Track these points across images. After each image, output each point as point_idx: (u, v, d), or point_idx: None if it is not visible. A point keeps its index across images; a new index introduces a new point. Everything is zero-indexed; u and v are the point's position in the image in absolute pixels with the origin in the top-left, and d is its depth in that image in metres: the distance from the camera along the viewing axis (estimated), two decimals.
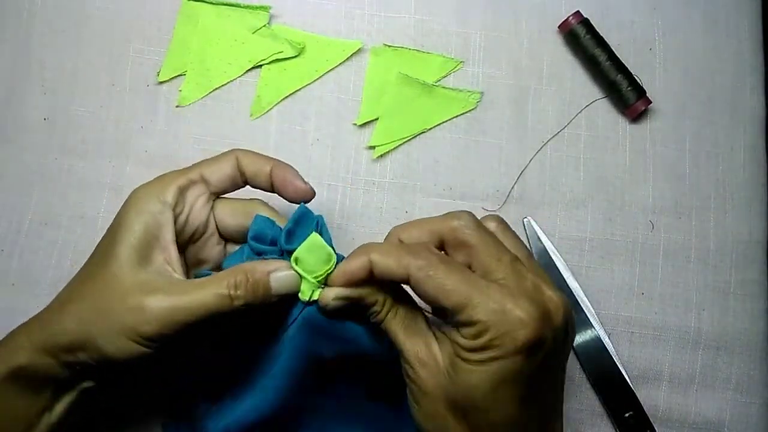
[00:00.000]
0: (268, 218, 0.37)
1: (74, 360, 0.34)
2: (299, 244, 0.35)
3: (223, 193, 0.40)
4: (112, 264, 0.34)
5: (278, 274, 0.35)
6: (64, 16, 0.54)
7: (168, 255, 0.35)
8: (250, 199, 0.40)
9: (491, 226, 0.37)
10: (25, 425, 0.35)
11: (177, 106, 0.53)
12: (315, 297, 0.35)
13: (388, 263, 0.33)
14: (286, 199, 0.40)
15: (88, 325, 0.33)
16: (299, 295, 0.35)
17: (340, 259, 0.36)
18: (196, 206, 0.38)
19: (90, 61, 0.53)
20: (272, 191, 0.40)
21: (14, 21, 0.54)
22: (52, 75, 0.53)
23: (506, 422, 0.32)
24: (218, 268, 0.40)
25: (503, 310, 0.31)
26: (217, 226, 0.40)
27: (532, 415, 0.33)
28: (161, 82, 0.53)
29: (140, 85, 0.53)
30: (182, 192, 0.37)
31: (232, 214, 0.39)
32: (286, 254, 0.36)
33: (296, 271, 0.35)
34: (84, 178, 0.52)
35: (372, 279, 0.35)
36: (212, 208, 0.40)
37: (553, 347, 0.32)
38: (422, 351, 0.34)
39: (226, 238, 0.41)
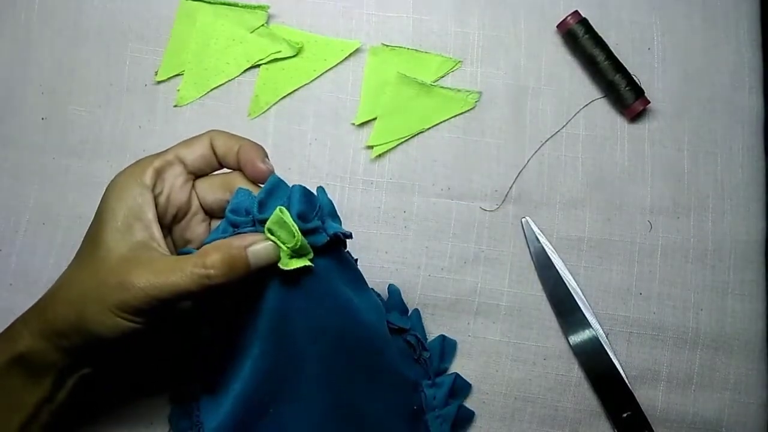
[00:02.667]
0: (248, 191, 0.37)
1: (69, 345, 0.35)
2: (270, 214, 0.35)
3: (201, 174, 0.40)
4: (98, 249, 0.35)
5: (255, 248, 0.34)
6: (62, 16, 0.54)
7: (150, 232, 0.36)
8: (229, 172, 0.40)
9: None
10: (27, 412, 0.36)
11: (175, 106, 0.53)
12: (293, 266, 0.35)
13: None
14: (247, 177, 0.39)
15: (78, 309, 0.34)
16: (279, 264, 0.35)
17: (333, 228, 0.37)
18: (176, 186, 0.39)
19: (88, 61, 0.53)
20: (237, 169, 0.40)
21: (12, 21, 0.54)
22: (50, 75, 0.53)
23: None
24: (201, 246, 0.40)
25: None
26: (201, 203, 0.40)
27: None
28: (159, 82, 0.53)
29: (138, 84, 0.53)
30: (159, 173, 0.38)
31: (211, 189, 0.40)
32: (258, 224, 0.36)
33: (272, 241, 0.35)
34: (82, 178, 0.52)
35: None
36: (193, 186, 0.40)
37: None
38: None
39: (210, 214, 0.41)
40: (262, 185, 0.38)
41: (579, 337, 0.50)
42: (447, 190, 0.52)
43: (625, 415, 0.49)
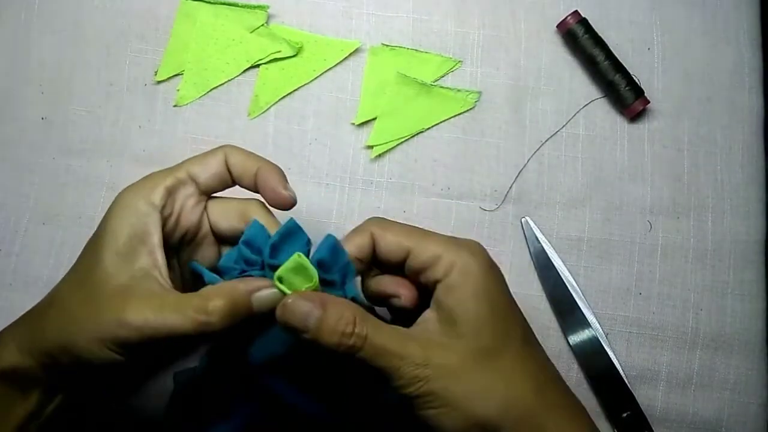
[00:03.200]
0: (263, 226, 0.36)
1: (54, 363, 0.34)
2: (283, 260, 0.34)
3: (213, 192, 0.38)
4: (96, 271, 0.33)
5: (260, 294, 0.33)
6: (62, 16, 0.54)
7: (154, 259, 0.34)
8: (246, 199, 0.38)
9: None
10: (14, 426, 0.35)
11: (175, 106, 0.53)
12: None
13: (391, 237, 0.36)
14: (264, 197, 0.38)
15: (68, 334, 0.33)
16: None
17: (351, 292, 0.36)
18: (187, 207, 0.37)
19: (88, 60, 0.53)
20: (255, 191, 0.38)
21: (12, 21, 0.54)
22: (50, 74, 0.53)
23: (523, 341, 0.36)
24: (213, 268, 0.39)
25: (449, 241, 0.36)
26: (212, 228, 0.38)
27: (529, 334, 0.38)
28: (159, 82, 0.53)
29: (138, 84, 0.53)
30: (171, 193, 0.36)
31: (224, 215, 0.38)
32: (268, 267, 0.35)
33: (280, 290, 0.33)
34: (82, 178, 0.52)
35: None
36: (205, 207, 0.38)
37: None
38: (418, 345, 0.34)
39: (221, 240, 0.39)
40: (281, 218, 0.36)
41: (579, 337, 0.50)
42: (447, 189, 0.52)
43: (624, 414, 0.49)
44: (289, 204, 0.37)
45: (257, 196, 0.38)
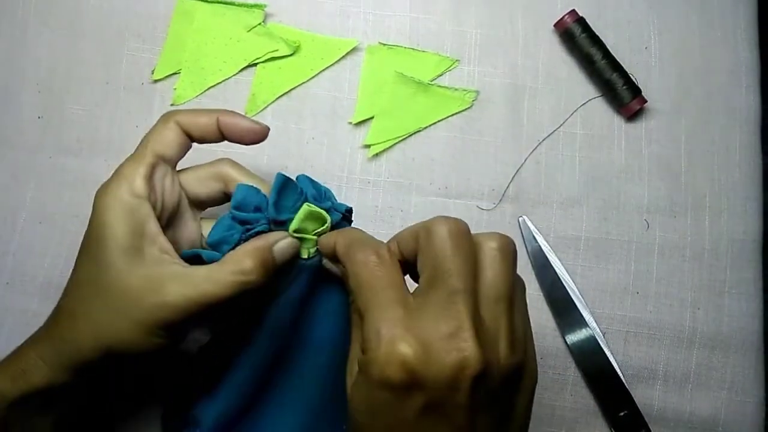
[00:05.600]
0: (250, 186, 0.37)
1: (90, 374, 0.35)
2: (288, 213, 0.37)
3: (178, 161, 0.39)
4: (109, 274, 0.34)
5: (279, 246, 0.36)
6: (59, 14, 0.54)
7: (161, 246, 0.35)
8: (213, 161, 0.39)
9: (490, 245, 0.32)
10: None
11: (172, 105, 0.53)
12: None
13: (328, 240, 0.36)
14: (242, 144, 0.39)
15: (107, 338, 0.34)
16: (301, 254, 0.38)
17: (342, 206, 0.39)
18: (167, 189, 0.37)
19: (85, 59, 0.53)
20: (221, 141, 0.39)
21: (9, 19, 0.54)
22: (47, 73, 0.53)
23: None
24: (193, 244, 0.40)
25: (383, 335, 0.28)
26: (189, 197, 0.39)
27: None
28: (156, 81, 0.53)
29: (135, 83, 0.53)
30: (149, 180, 0.36)
31: (201, 183, 0.39)
32: (274, 224, 0.37)
33: (297, 237, 0.37)
34: (79, 177, 0.52)
35: None
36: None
37: (449, 401, 0.28)
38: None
39: (198, 206, 0.40)
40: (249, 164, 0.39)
41: (576, 336, 0.50)
42: (444, 189, 0.52)
43: (622, 414, 0.49)
44: (266, 132, 0.39)
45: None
